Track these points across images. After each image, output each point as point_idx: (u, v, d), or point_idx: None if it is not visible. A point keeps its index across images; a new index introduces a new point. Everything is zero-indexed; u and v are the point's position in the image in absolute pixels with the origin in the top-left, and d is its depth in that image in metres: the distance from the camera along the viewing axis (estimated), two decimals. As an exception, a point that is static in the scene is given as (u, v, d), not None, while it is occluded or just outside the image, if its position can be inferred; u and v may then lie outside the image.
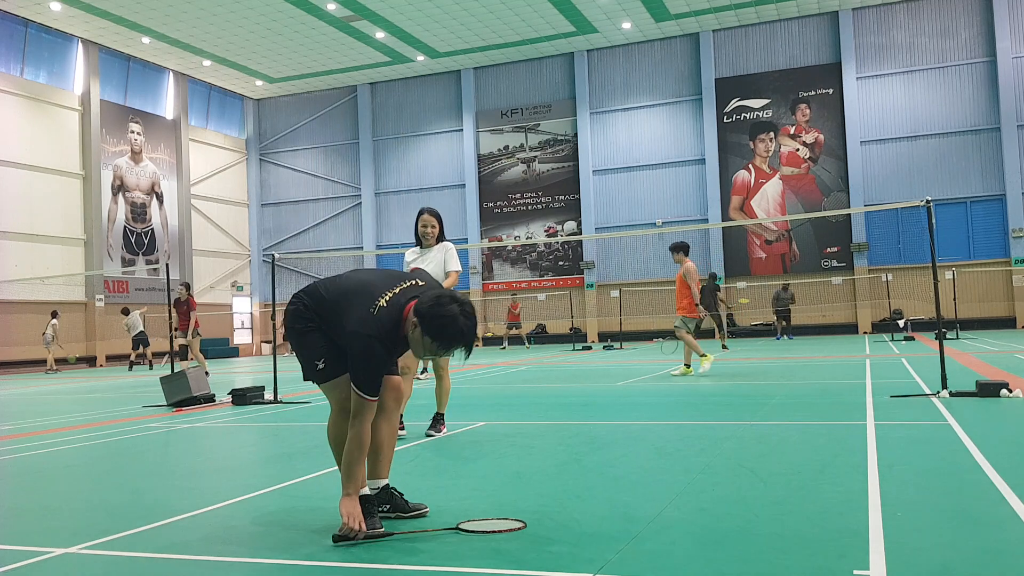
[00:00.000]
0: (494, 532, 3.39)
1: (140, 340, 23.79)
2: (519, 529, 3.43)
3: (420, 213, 6.52)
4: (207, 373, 14.72)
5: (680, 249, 11.80)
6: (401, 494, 3.82)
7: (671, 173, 30.50)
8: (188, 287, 17.08)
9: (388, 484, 3.80)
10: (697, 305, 11.77)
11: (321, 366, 3.64)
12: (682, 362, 12.12)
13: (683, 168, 30.33)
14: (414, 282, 3.67)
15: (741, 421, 6.77)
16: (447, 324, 3.43)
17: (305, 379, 3.74)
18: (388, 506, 3.75)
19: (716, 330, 22.07)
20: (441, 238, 6.52)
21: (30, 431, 8.18)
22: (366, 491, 3.62)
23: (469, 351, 3.55)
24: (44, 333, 23.80)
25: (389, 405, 3.72)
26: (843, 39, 28.36)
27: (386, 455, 3.80)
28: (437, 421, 6.51)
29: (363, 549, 3.26)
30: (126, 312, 23.95)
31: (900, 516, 3.42)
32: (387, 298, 3.53)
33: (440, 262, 6.40)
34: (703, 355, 11.62)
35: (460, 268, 6.47)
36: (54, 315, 24.05)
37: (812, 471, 4.47)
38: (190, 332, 16.52)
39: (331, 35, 29.18)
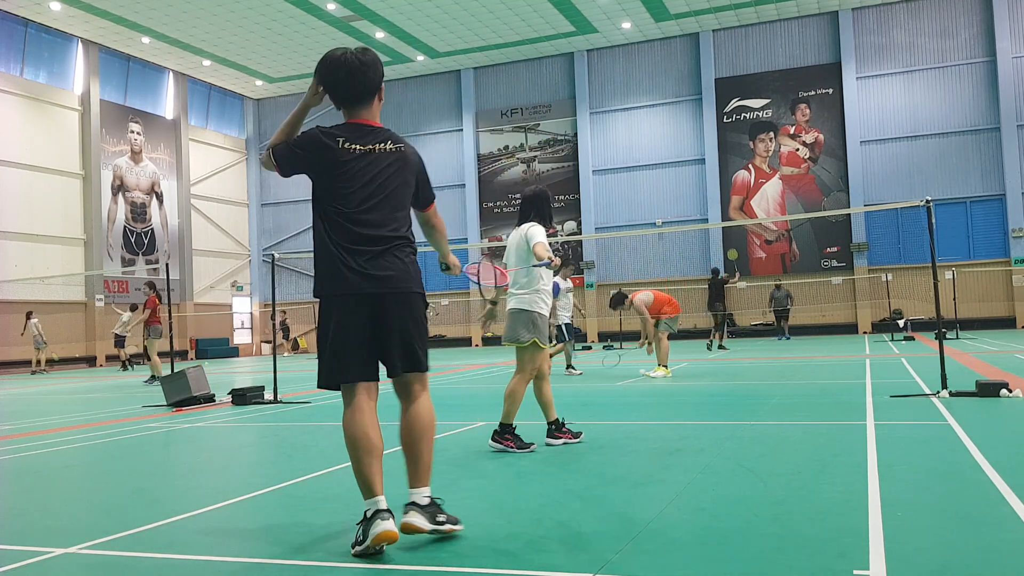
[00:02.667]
0: None
1: (120, 340, 24.13)
2: None
3: None
4: (154, 378, 14.61)
5: (615, 303, 13.01)
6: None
7: (671, 173, 30.49)
8: (152, 286, 16.07)
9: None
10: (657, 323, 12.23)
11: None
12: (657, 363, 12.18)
13: (683, 168, 30.32)
14: None
15: (741, 421, 6.77)
16: (325, 58, 3.41)
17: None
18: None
19: (714, 330, 21.50)
20: (524, 220, 5.99)
21: (30, 431, 8.18)
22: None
23: (349, 78, 3.36)
24: (35, 335, 23.85)
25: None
26: (843, 39, 28.35)
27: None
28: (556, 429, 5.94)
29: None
30: (133, 308, 23.67)
31: (900, 516, 3.42)
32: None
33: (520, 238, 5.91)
34: (665, 366, 11.93)
35: (540, 240, 5.74)
36: (30, 316, 24.05)
37: (812, 471, 4.47)
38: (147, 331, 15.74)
39: (331, 35, 29.16)
